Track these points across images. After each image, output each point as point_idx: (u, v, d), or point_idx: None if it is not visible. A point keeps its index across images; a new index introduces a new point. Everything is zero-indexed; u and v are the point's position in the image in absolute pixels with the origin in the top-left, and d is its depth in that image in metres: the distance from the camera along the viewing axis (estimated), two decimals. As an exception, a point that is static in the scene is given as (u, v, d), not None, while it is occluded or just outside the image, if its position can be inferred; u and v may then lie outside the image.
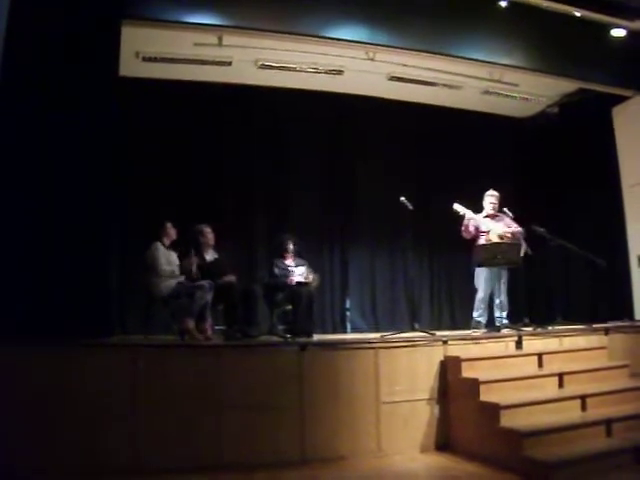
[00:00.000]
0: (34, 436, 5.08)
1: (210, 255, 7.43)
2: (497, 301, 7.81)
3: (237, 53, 8.24)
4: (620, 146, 9.55)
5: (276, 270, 7.85)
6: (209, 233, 7.47)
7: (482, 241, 7.74)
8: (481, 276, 7.82)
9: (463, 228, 7.83)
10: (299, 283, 7.78)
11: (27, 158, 5.86)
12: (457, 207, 7.78)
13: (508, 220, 7.99)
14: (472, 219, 7.78)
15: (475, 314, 7.82)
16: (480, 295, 7.82)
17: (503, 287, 7.83)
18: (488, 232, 7.76)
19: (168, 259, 7.10)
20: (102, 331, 5.98)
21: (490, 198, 8.05)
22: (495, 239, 7.66)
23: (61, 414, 5.21)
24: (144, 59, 8.15)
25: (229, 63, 8.43)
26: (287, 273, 7.85)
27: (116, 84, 6.60)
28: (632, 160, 9.34)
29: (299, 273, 7.87)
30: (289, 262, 8.03)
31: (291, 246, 8.11)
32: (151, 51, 8.07)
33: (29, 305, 5.59)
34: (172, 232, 7.28)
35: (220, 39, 7.79)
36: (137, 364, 5.47)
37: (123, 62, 6.87)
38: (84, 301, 5.83)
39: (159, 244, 7.10)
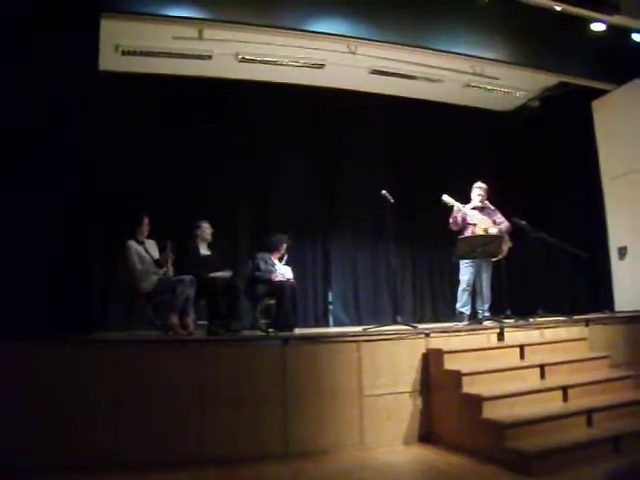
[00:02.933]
0: (16, 432, 5.03)
1: (204, 250, 7.45)
2: (481, 293, 7.85)
3: (217, 47, 8.21)
4: (600, 139, 9.65)
5: (262, 264, 7.85)
6: (207, 228, 7.54)
7: (468, 233, 7.77)
8: (465, 268, 7.87)
9: (451, 220, 7.87)
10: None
11: (6, 155, 5.80)
12: (446, 198, 7.82)
13: (497, 213, 8.04)
14: (460, 211, 7.82)
15: (458, 305, 7.88)
16: (463, 286, 7.88)
17: (486, 280, 7.88)
18: (475, 225, 7.80)
19: (141, 256, 7.04)
20: (84, 327, 5.94)
21: (478, 190, 8.10)
22: (481, 232, 7.71)
23: (43, 410, 5.16)
24: (123, 53, 8.10)
25: (209, 57, 8.39)
26: (272, 269, 7.86)
27: (95, 78, 6.54)
28: (612, 153, 9.44)
29: (282, 272, 7.90)
30: (276, 260, 8.05)
31: (284, 249, 8.15)
32: (131, 45, 8.03)
33: (11, 301, 5.54)
34: (146, 228, 7.24)
35: (200, 32, 7.76)
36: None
37: (102, 56, 6.81)
38: (66, 297, 5.78)
39: (131, 243, 7.05)
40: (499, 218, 8.01)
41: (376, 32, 7.94)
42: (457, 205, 7.83)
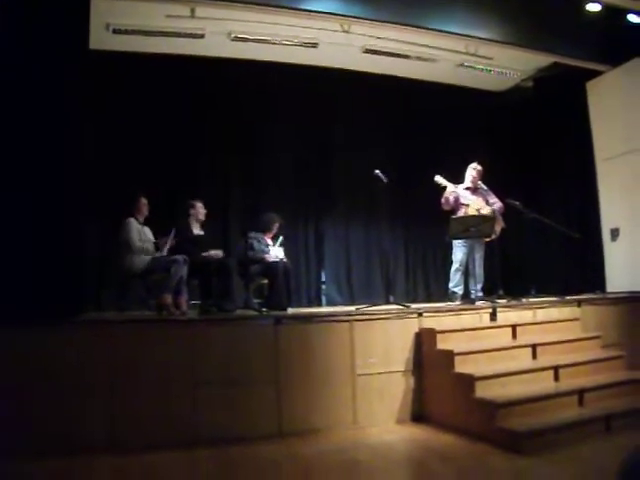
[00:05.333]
0: (8, 415, 5.02)
1: (197, 230, 7.43)
2: (473, 273, 7.88)
3: (210, 25, 8.11)
4: (594, 120, 9.62)
5: (255, 244, 7.82)
6: (201, 208, 7.51)
7: (461, 213, 7.79)
8: (457, 248, 7.91)
9: (443, 200, 7.90)
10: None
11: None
12: (438, 179, 7.86)
13: (489, 194, 8.05)
14: (453, 191, 7.84)
15: (451, 284, 7.93)
16: (455, 266, 7.93)
17: (478, 260, 7.91)
18: (468, 205, 7.82)
19: (141, 235, 7.04)
20: (75, 308, 5.92)
21: (472, 171, 8.12)
22: (473, 213, 7.73)
23: (35, 393, 5.15)
24: (114, 31, 7.97)
25: (202, 35, 8.29)
26: (265, 249, 7.85)
27: (86, 57, 6.47)
28: (605, 134, 9.41)
29: (276, 254, 7.88)
30: (269, 241, 8.03)
31: (277, 229, 8.11)
32: (122, 23, 7.90)
33: (1, 284, 5.51)
34: (145, 209, 7.22)
35: (192, 11, 7.67)
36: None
37: (93, 34, 6.74)
38: (56, 279, 5.75)
39: (132, 220, 7.03)
40: (492, 199, 8.02)
41: (370, 11, 7.86)
42: (450, 186, 7.85)
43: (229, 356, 5.68)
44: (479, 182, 8.10)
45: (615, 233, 9.21)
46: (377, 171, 7.37)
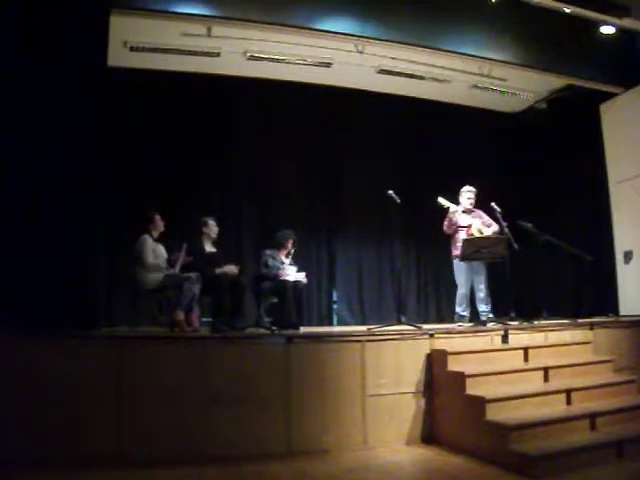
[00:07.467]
0: (18, 428, 5.03)
1: (209, 247, 7.47)
2: (480, 295, 7.85)
3: (226, 44, 8.19)
4: (607, 143, 9.61)
5: (270, 261, 7.85)
6: (214, 226, 7.58)
7: (463, 235, 7.78)
8: (460, 271, 7.91)
9: (447, 222, 7.89)
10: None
11: (12, 150, 5.79)
12: (442, 200, 7.84)
13: (483, 215, 8.05)
14: (456, 211, 7.84)
15: (458, 309, 7.90)
16: (461, 290, 7.91)
17: (483, 281, 7.86)
18: (469, 226, 7.82)
19: (155, 252, 7.08)
20: (88, 323, 5.94)
21: (468, 194, 8.14)
22: (476, 233, 7.73)
23: (46, 406, 5.15)
24: (132, 49, 8.08)
25: (217, 54, 8.38)
26: (279, 266, 7.85)
27: (104, 74, 6.54)
28: (619, 157, 9.40)
29: (290, 272, 7.88)
30: (284, 258, 8.04)
31: (291, 245, 8.13)
32: (139, 41, 8.01)
33: (15, 298, 5.54)
34: (160, 224, 7.27)
35: (209, 30, 7.75)
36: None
37: (111, 52, 6.82)
38: (70, 294, 5.78)
39: (147, 237, 7.08)
40: (487, 220, 8.02)
41: (384, 31, 7.92)
42: (453, 207, 7.86)
43: (240, 374, 5.67)
44: (492, 203, 8.03)
45: (629, 256, 9.16)
46: (390, 191, 7.38)
